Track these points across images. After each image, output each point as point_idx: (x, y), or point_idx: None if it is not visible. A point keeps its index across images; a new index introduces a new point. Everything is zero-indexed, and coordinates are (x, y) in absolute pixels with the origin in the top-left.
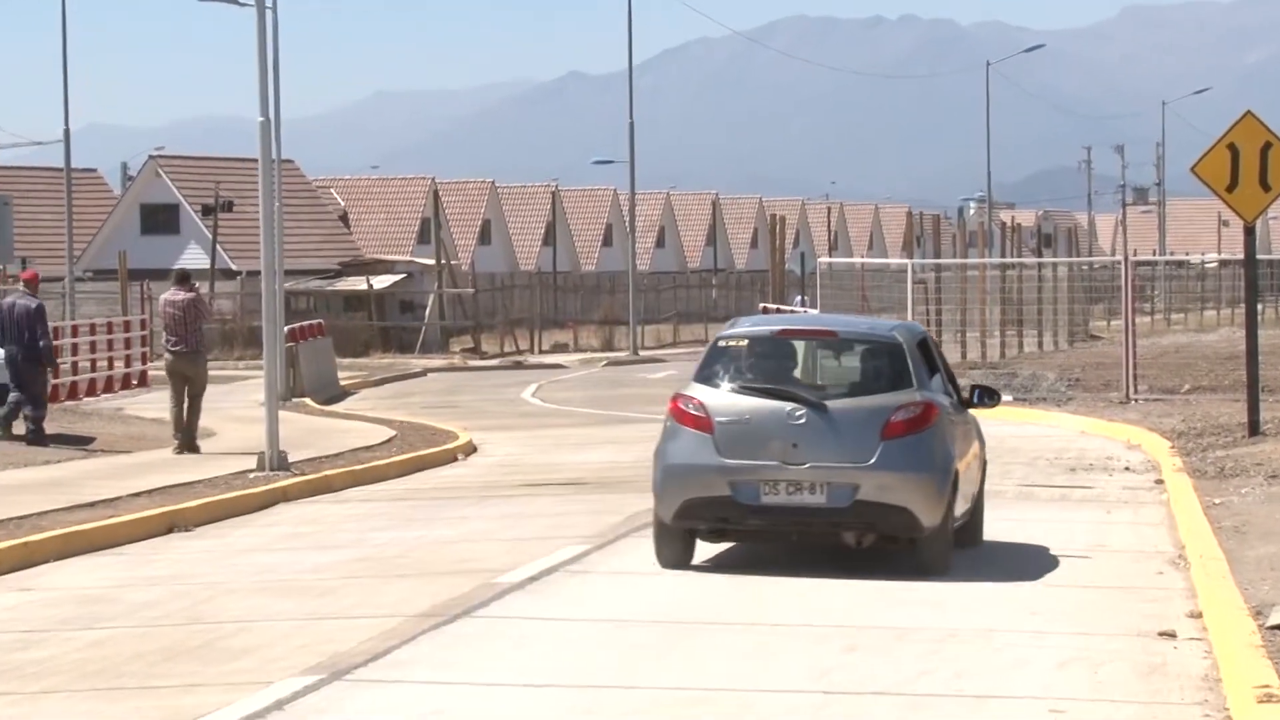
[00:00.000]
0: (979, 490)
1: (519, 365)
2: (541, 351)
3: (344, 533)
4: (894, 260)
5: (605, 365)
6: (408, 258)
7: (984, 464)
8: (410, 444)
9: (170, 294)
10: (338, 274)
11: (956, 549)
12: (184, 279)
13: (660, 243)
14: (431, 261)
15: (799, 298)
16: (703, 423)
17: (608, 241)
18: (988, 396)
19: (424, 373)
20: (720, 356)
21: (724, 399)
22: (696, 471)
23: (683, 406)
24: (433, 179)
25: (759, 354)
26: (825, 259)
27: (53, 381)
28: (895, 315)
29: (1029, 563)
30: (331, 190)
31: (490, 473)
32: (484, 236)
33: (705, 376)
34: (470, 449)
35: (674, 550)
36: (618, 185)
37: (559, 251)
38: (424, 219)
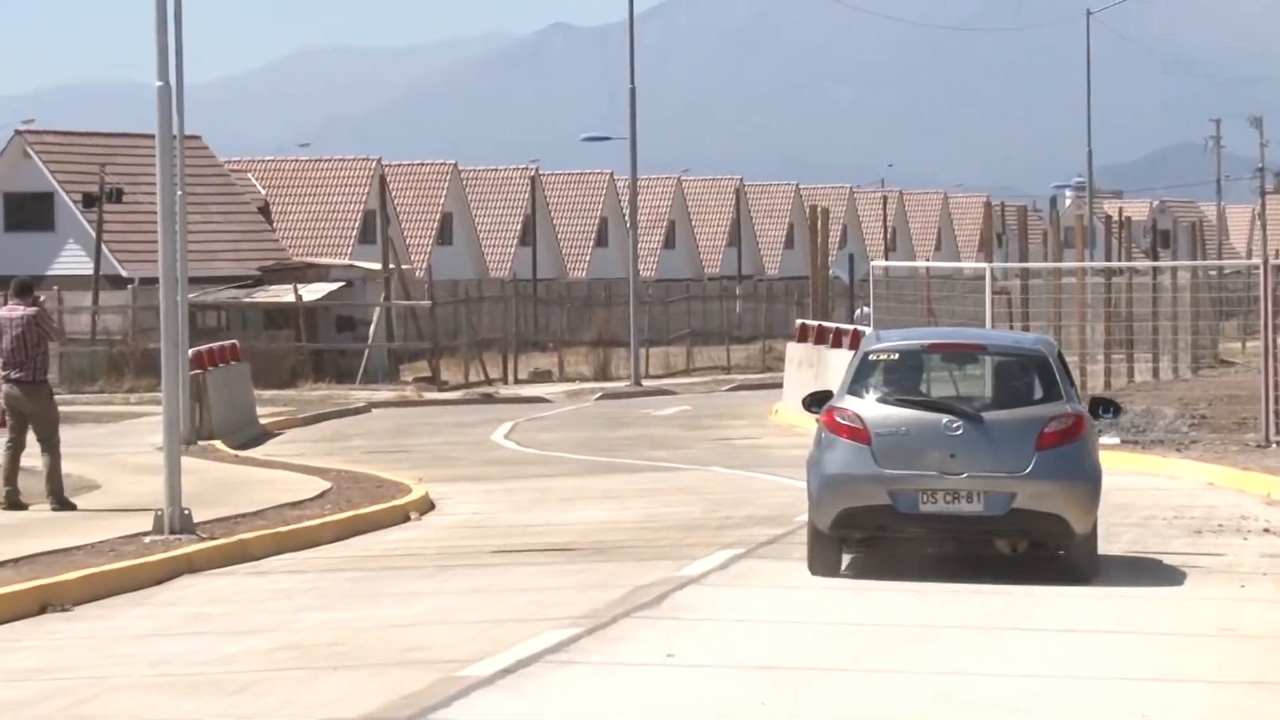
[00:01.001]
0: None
1: (489, 398)
2: (518, 381)
3: (265, 613)
4: (968, 264)
5: (599, 399)
6: (346, 261)
7: None
8: (350, 499)
9: (7, 309)
10: (257, 282)
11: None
12: (24, 290)
13: (669, 242)
14: (377, 266)
15: (863, 309)
16: (860, 434)
17: (602, 241)
18: (1108, 409)
19: (367, 408)
20: (871, 370)
21: (880, 411)
22: (855, 481)
23: (838, 419)
24: (378, 160)
25: (909, 367)
26: (880, 262)
27: None
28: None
29: (1139, 656)
30: (249, 175)
31: (452, 536)
32: (444, 234)
33: (857, 389)
34: (426, 505)
35: (827, 559)
36: (615, 168)
37: (540, 253)
38: (367, 212)
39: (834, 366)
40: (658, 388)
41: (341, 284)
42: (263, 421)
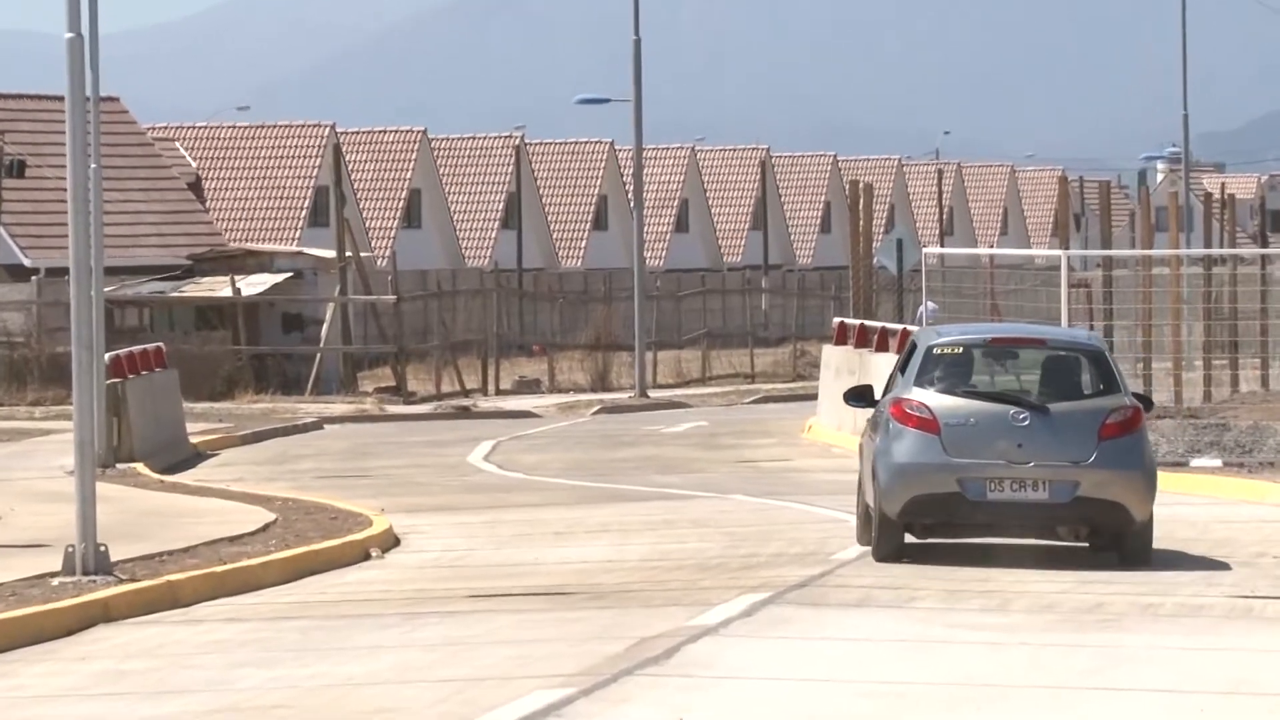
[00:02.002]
0: None
1: (465, 413)
2: (500, 392)
3: (196, 670)
4: (1040, 250)
5: (597, 413)
6: (294, 248)
7: None
8: (299, 533)
9: None
10: (187, 273)
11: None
12: None
13: (682, 225)
14: (330, 253)
15: (929, 306)
16: (929, 424)
17: (601, 223)
18: (1145, 402)
19: (319, 424)
20: (936, 363)
21: (948, 402)
22: (925, 470)
23: (907, 409)
24: (331, 127)
25: (971, 360)
26: (934, 249)
27: None
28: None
29: None
30: (177, 145)
31: (421, 577)
32: (411, 215)
33: (923, 381)
34: (390, 541)
35: (892, 545)
36: (616, 136)
37: (526, 238)
38: (318, 188)
39: (879, 374)
40: (667, 400)
41: (288, 275)
42: (194, 440)
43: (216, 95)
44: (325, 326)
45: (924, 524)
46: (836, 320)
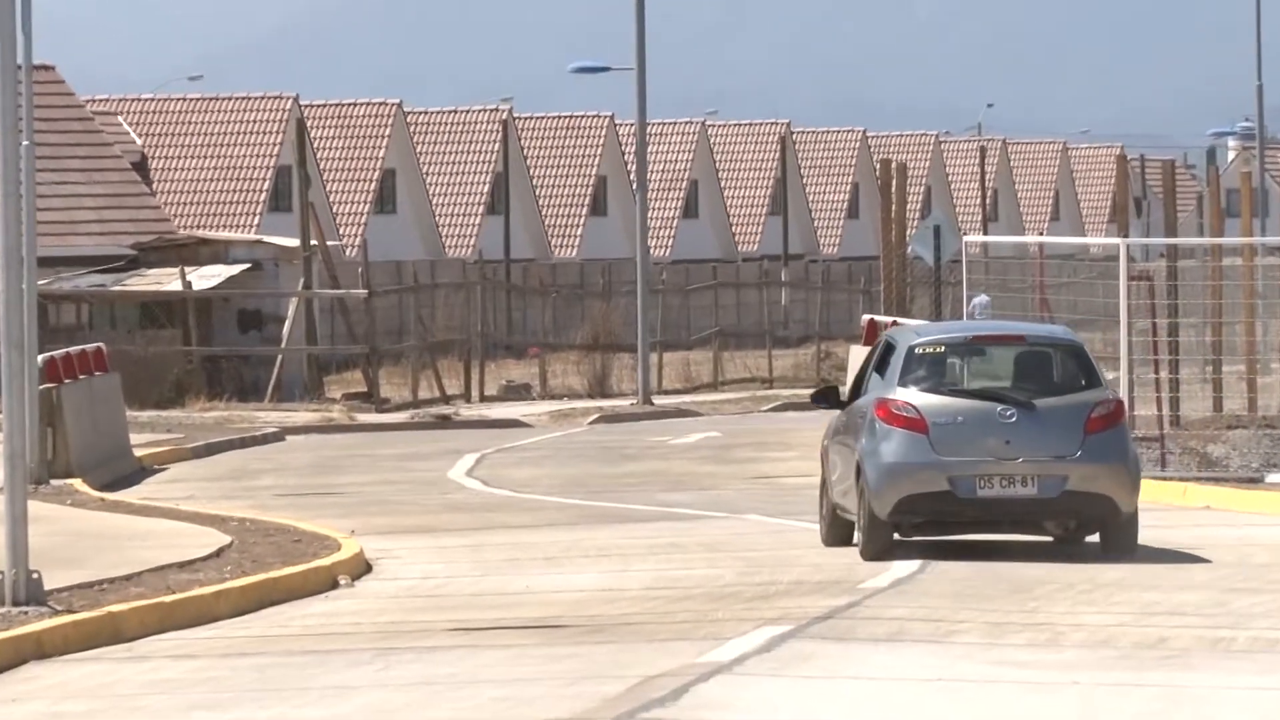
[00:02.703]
0: None
1: (446, 422)
2: (485, 398)
3: (142, 712)
4: (1096, 239)
5: (595, 422)
6: (252, 236)
7: None
8: (257, 558)
9: None
10: (132, 263)
11: None
12: None
13: (691, 209)
14: (293, 242)
15: (981, 299)
16: (917, 423)
17: (599, 208)
18: None
19: (281, 435)
20: (919, 362)
21: (934, 401)
22: (915, 469)
23: (894, 410)
24: (294, 99)
25: (954, 359)
26: (976, 237)
27: None
28: (1101, 332)
29: None
30: (121, 120)
31: (396, 607)
32: (385, 198)
33: (907, 381)
34: (361, 567)
35: (881, 544)
36: (617, 110)
37: (515, 225)
38: (280, 168)
39: None
40: (675, 407)
41: (245, 266)
42: (138, 453)
43: (165, 63)
44: (287, 324)
45: (913, 523)
46: (866, 317)
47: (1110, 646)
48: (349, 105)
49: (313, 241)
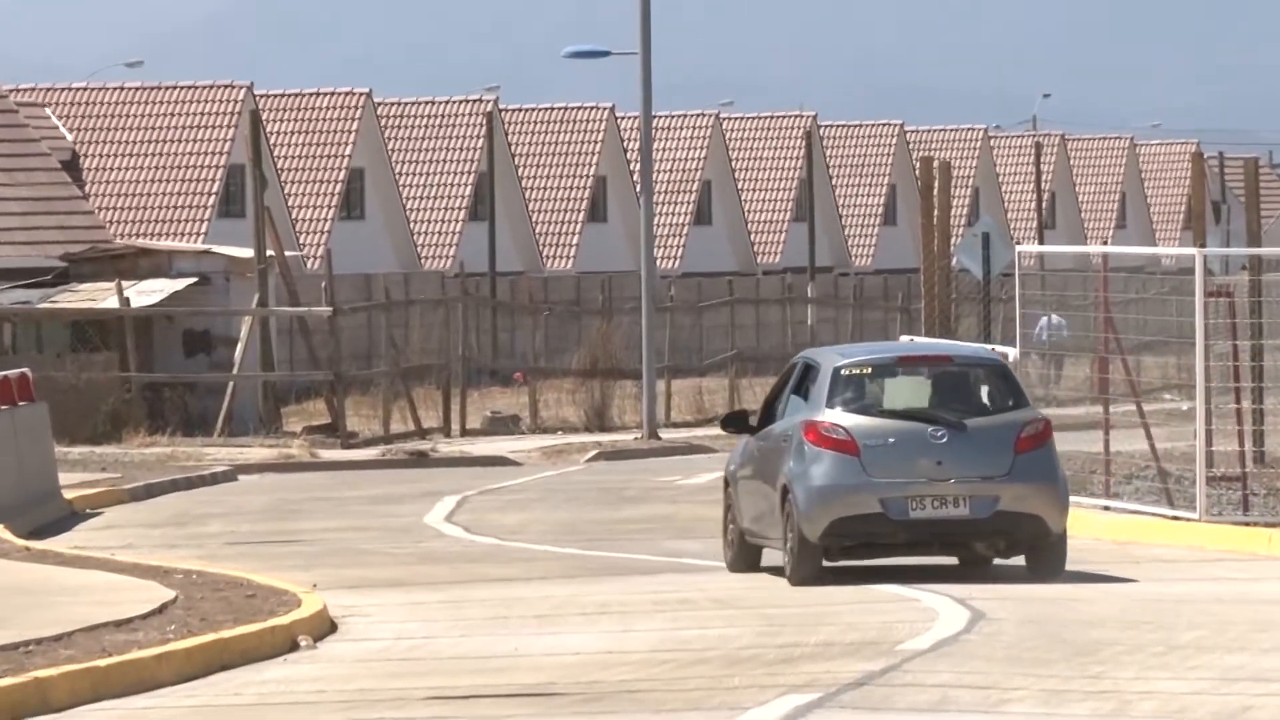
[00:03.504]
0: None
1: (422, 459)
2: (467, 432)
3: None
4: (1168, 249)
5: (593, 459)
6: (199, 245)
7: None
8: (205, 616)
9: None
10: (61, 277)
11: None
12: None
13: (703, 215)
14: (246, 253)
15: (1050, 319)
16: (847, 445)
17: (598, 214)
18: None
19: (232, 474)
20: (846, 384)
21: (863, 422)
22: (846, 491)
23: (824, 432)
24: (248, 87)
25: (883, 379)
26: (1031, 247)
27: None
28: (1175, 356)
29: None
30: (48, 112)
31: (365, 673)
32: (352, 202)
33: (834, 402)
34: (324, 626)
35: (811, 568)
36: (618, 100)
37: (502, 232)
38: (232, 168)
39: None
40: (685, 442)
41: (192, 280)
42: (69, 495)
43: (99, 48)
44: (240, 347)
45: (844, 546)
46: (904, 339)
47: (1185, 716)
48: (310, 95)
49: (269, 252)
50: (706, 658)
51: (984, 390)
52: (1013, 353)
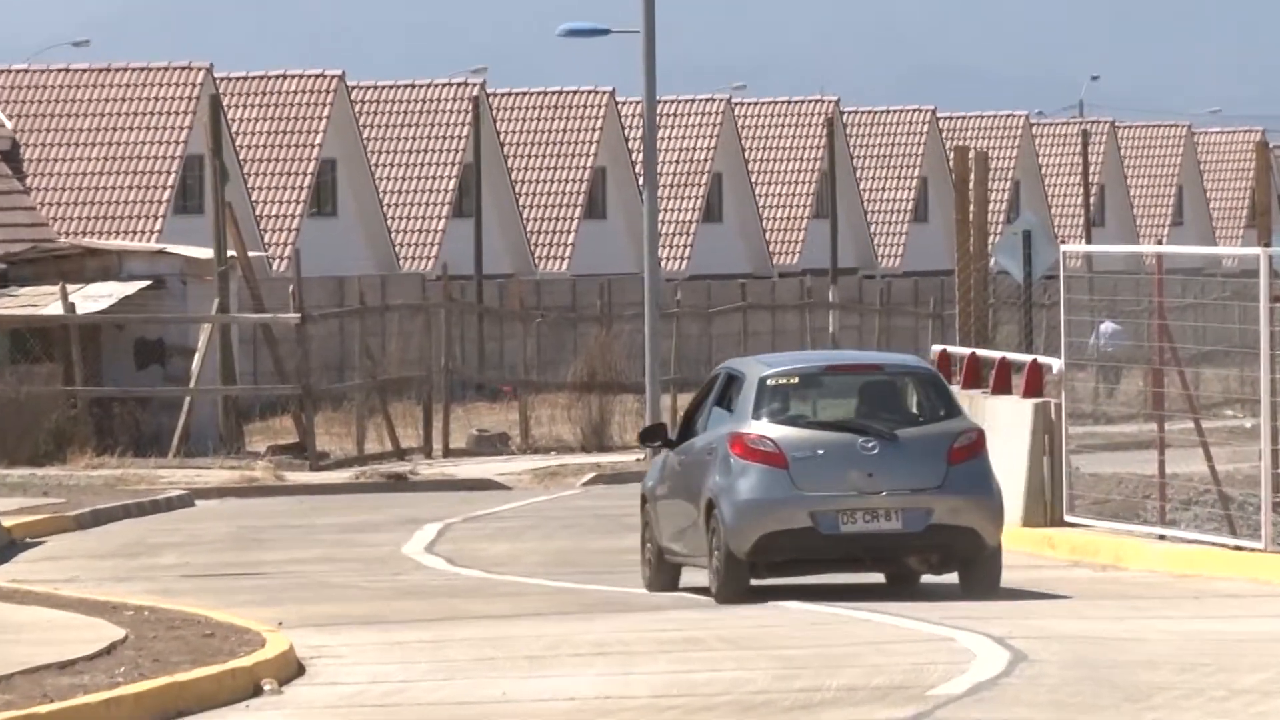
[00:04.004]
0: None
1: (400, 482)
2: (450, 452)
3: None
4: (1229, 249)
5: (591, 482)
6: (153, 245)
7: None
8: (159, 657)
9: None
10: (0, 280)
11: None
12: None
13: (714, 212)
14: (205, 253)
15: (1107, 326)
16: (775, 458)
17: (596, 210)
18: None
19: (189, 499)
20: (773, 395)
21: (791, 434)
22: (775, 505)
23: (750, 444)
24: (207, 69)
25: (811, 389)
26: (1076, 246)
27: None
28: (1238, 367)
29: None
30: None
31: None
32: (323, 197)
33: (760, 414)
34: (291, 668)
35: (738, 586)
36: (619, 83)
37: (490, 230)
38: (190, 158)
39: (1000, 425)
40: None
41: (145, 284)
42: (7, 523)
43: (43, 26)
44: (198, 358)
45: (772, 562)
46: (936, 348)
47: None
48: (277, 78)
49: (230, 252)
50: (715, 704)
51: (915, 400)
52: (1057, 364)
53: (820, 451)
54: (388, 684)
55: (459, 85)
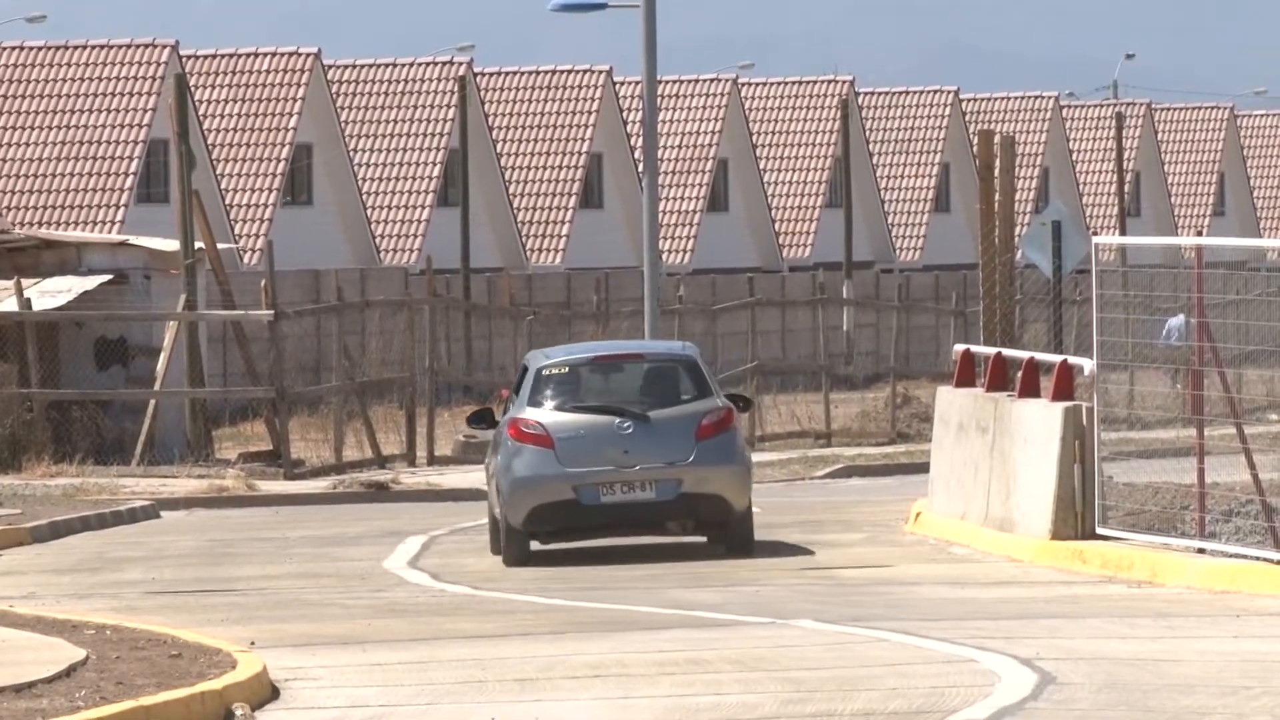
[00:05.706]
0: None
1: (382, 492)
2: (436, 459)
3: None
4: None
5: None
6: (115, 236)
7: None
8: (122, 679)
9: None
10: None
11: None
12: None
13: (719, 201)
14: (171, 245)
15: (1178, 321)
16: (543, 439)
17: (592, 199)
18: (741, 401)
19: (154, 510)
20: (547, 383)
21: (560, 418)
22: (542, 481)
23: (523, 429)
24: (172, 46)
25: (579, 377)
26: (1109, 238)
27: None
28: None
29: None
30: None
31: None
32: (298, 185)
33: (536, 401)
34: (264, 691)
35: (519, 551)
36: (616, 62)
37: (478, 220)
38: (154, 142)
39: (1026, 430)
40: None
41: (106, 278)
42: None
43: None
44: (163, 358)
45: (546, 531)
46: (959, 348)
47: None
48: (248, 56)
49: (198, 244)
50: None
51: (672, 383)
52: (1088, 365)
53: (582, 432)
54: (368, 708)
55: (444, 64)
